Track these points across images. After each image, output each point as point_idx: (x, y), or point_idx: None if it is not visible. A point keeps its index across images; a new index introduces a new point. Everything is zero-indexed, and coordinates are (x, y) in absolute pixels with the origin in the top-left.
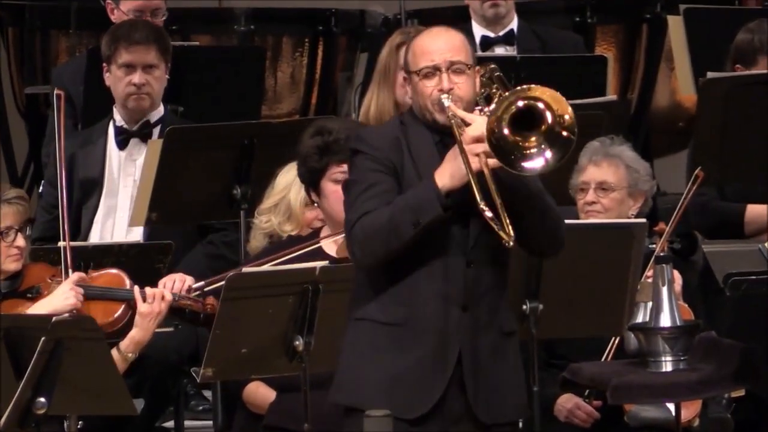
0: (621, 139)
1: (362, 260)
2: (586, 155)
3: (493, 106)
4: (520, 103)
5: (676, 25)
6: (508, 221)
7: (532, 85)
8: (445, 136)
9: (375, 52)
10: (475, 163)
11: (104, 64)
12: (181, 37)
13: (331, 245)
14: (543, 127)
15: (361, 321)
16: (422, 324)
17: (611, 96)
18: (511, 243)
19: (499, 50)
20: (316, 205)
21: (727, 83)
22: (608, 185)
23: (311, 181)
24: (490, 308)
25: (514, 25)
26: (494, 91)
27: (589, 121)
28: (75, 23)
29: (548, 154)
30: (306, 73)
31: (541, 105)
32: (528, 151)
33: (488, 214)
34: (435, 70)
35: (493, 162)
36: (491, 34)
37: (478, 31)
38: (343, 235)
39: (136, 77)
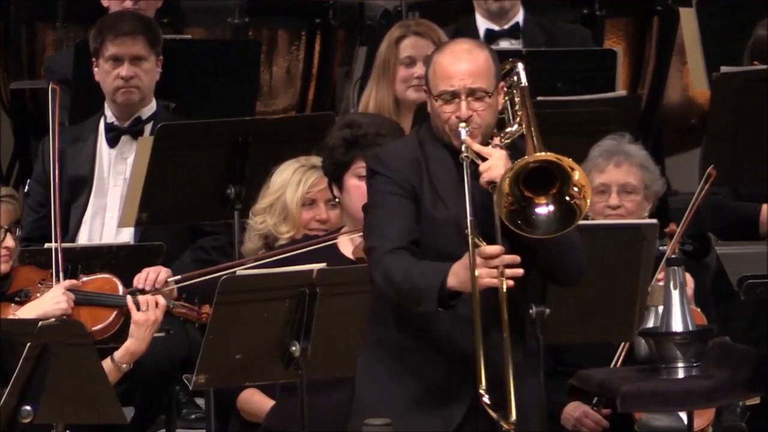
0: (629, 137)
1: (380, 289)
2: (601, 155)
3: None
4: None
5: (688, 18)
6: (513, 401)
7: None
8: None
9: (374, 46)
10: (488, 280)
11: (93, 59)
12: (173, 30)
13: (347, 244)
14: (554, 190)
15: (377, 345)
16: (442, 347)
17: (621, 91)
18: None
19: (504, 44)
20: (336, 200)
21: (741, 78)
22: (632, 187)
23: (335, 174)
24: (513, 330)
25: (519, 18)
26: (509, 118)
27: (597, 117)
28: (62, 16)
29: (552, 208)
30: (303, 68)
31: (563, 168)
32: (536, 208)
33: (486, 401)
34: (453, 97)
35: (510, 279)
36: (496, 28)
37: (482, 24)
38: (362, 233)
39: (124, 70)
